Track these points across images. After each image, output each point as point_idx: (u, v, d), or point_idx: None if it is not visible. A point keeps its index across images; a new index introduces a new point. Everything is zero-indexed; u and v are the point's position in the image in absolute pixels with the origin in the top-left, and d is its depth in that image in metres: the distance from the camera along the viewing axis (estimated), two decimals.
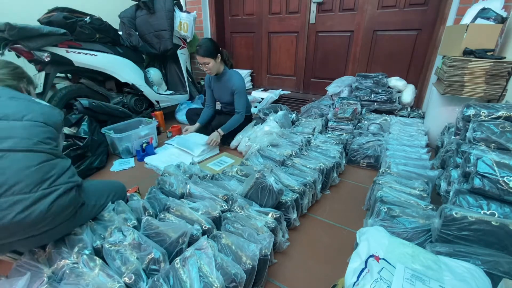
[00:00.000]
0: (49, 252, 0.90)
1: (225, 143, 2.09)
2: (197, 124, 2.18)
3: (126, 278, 0.76)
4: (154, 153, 1.95)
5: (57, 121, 0.95)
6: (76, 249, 0.86)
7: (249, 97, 2.90)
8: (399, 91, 2.29)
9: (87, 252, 0.85)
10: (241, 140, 2.00)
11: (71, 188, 0.87)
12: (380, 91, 2.26)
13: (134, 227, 0.99)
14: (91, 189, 1.06)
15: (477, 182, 0.89)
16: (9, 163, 0.77)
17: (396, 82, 2.27)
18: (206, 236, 0.90)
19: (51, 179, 0.83)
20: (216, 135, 1.95)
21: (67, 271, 0.79)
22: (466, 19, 1.69)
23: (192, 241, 0.91)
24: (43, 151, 0.84)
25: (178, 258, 0.79)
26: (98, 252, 0.90)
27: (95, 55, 2.04)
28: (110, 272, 0.78)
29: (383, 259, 0.70)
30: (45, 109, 0.94)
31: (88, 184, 1.10)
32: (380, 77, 2.28)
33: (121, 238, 0.89)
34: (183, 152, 1.91)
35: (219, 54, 1.89)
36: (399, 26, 2.33)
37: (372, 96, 2.29)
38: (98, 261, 0.81)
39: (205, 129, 2.19)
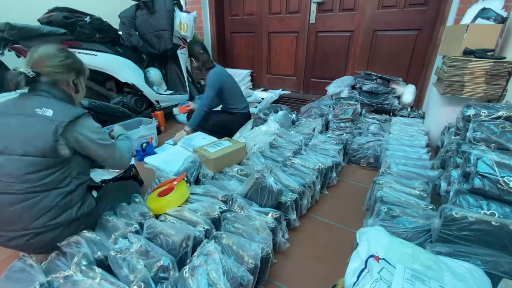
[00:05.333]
0: (48, 262, 0.87)
1: None
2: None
3: (135, 287, 0.75)
4: (154, 153, 1.95)
5: (44, 144, 0.84)
6: (75, 259, 0.81)
7: (249, 98, 2.91)
8: (398, 96, 2.29)
9: (85, 262, 0.81)
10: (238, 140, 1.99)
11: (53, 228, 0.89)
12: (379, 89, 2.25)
13: (136, 231, 0.98)
14: (104, 198, 1.10)
15: (477, 182, 0.89)
16: None
17: (396, 84, 2.28)
18: (213, 240, 0.89)
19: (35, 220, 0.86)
20: (183, 134, 2.00)
21: (61, 281, 0.77)
22: (466, 19, 1.69)
23: (195, 243, 0.90)
24: (15, 192, 0.84)
25: (187, 266, 0.78)
26: (101, 262, 0.87)
27: (95, 55, 2.04)
28: (113, 279, 0.77)
29: (383, 259, 0.70)
30: (34, 130, 0.84)
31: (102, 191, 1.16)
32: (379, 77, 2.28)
33: (127, 245, 0.87)
34: (182, 152, 1.90)
35: (192, 58, 2.09)
36: (399, 26, 2.33)
37: (372, 96, 2.29)
38: (98, 270, 0.78)
39: (202, 129, 2.18)
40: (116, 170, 1.48)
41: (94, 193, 1.09)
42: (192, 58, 2.11)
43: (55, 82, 0.94)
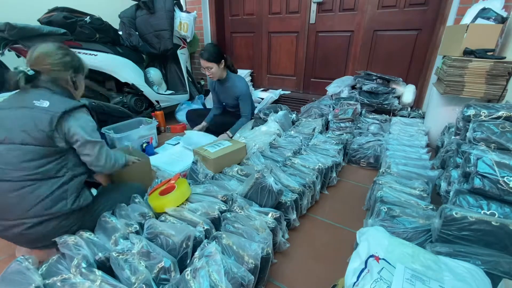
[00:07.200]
0: (48, 265, 0.86)
1: None
2: (204, 123, 2.21)
3: None
4: (154, 153, 1.95)
5: (40, 133, 0.87)
6: (75, 262, 0.80)
7: None
8: (398, 96, 2.29)
9: (84, 265, 0.81)
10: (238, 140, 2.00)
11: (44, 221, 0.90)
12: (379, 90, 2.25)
13: (136, 232, 0.98)
14: (106, 199, 1.10)
15: (477, 182, 0.89)
16: None
17: (396, 84, 2.28)
18: (214, 242, 0.88)
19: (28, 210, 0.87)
20: (225, 137, 1.95)
21: (59, 284, 0.76)
22: (466, 19, 1.69)
23: (195, 243, 0.90)
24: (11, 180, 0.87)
25: (189, 268, 0.78)
26: (102, 264, 0.86)
27: (95, 55, 2.04)
28: (113, 282, 0.76)
29: (383, 259, 0.70)
30: (31, 120, 0.87)
31: (103, 191, 1.16)
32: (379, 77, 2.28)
33: (129, 246, 0.87)
34: (183, 151, 1.90)
35: (222, 60, 1.93)
36: (399, 26, 2.33)
37: (372, 96, 2.29)
38: (98, 272, 0.78)
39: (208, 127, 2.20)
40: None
41: (94, 191, 1.09)
42: (222, 60, 1.95)
43: (54, 80, 0.98)
